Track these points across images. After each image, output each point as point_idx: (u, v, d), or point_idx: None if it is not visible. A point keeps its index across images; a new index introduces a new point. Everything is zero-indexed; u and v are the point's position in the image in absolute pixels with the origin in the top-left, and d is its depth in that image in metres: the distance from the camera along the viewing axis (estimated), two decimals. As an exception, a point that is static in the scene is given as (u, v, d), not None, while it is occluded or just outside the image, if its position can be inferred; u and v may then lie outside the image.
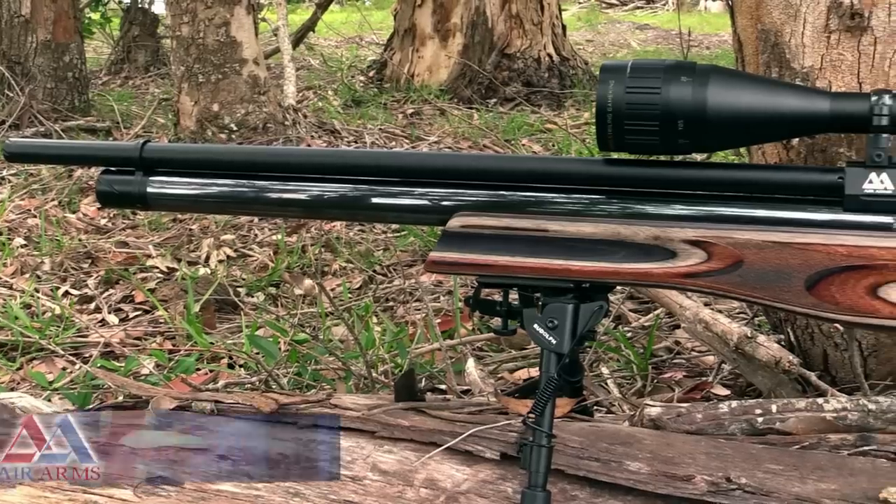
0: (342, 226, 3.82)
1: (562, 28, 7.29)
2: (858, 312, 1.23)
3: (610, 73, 1.26)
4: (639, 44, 10.56)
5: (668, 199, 1.31)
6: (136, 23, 8.54)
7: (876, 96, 1.21)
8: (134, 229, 4.01)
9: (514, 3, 6.91)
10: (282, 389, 2.12)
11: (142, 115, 5.93)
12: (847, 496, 1.26)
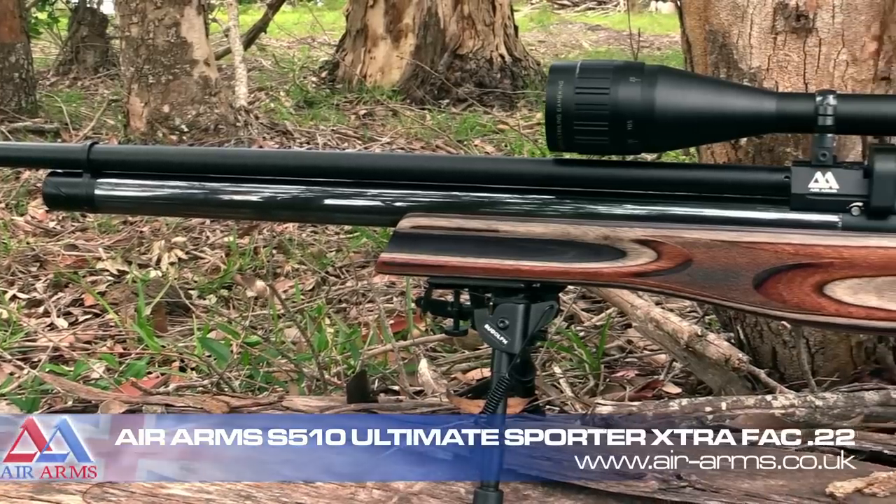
0: (295, 227, 3.81)
1: (514, 29, 7.30)
2: (805, 310, 1.25)
3: (559, 74, 1.26)
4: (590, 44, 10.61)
5: (618, 199, 1.32)
6: (85, 23, 8.45)
7: (820, 97, 1.22)
8: (84, 232, 3.97)
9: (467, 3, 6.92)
10: (234, 392, 2.10)
11: (91, 116, 5.88)
12: (795, 491, 1.27)
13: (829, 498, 1.25)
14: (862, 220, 1.23)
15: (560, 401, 1.96)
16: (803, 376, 1.70)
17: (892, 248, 1.21)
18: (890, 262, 1.22)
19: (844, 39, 1.59)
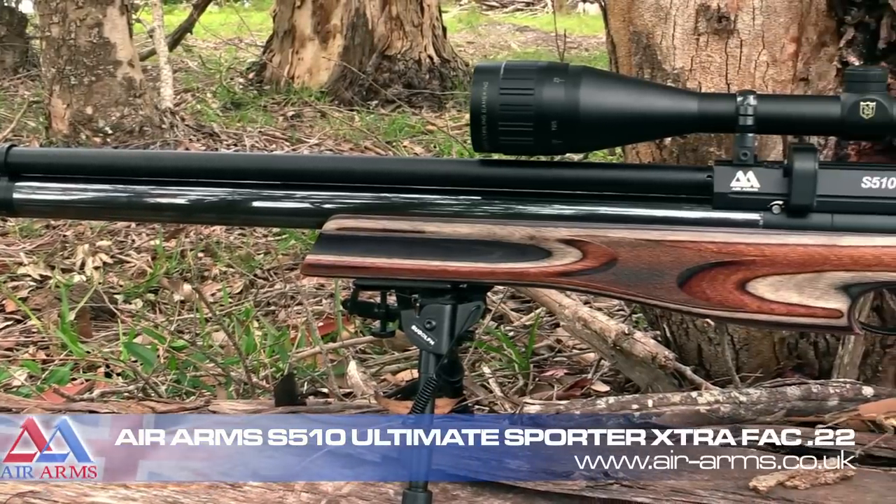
0: (222, 230, 3.77)
1: (442, 30, 7.31)
2: (728, 307, 1.27)
3: (484, 75, 1.26)
4: (519, 45, 10.66)
5: (544, 199, 1.32)
6: (3, 22, 8.28)
7: (741, 97, 1.24)
8: (4, 236, 3.89)
9: (395, 4, 6.92)
10: (159, 397, 2.08)
11: (11, 118, 5.76)
12: (719, 486, 1.29)
13: (752, 492, 1.27)
14: (782, 218, 1.25)
15: (489, 401, 1.96)
16: (728, 373, 1.72)
17: (811, 245, 1.24)
18: (809, 260, 1.24)
19: (765, 41, 1.61)
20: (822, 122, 1.24)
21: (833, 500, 1.26)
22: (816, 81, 1.61)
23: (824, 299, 1.25)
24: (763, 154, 1.61)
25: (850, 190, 1.24)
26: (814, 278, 1.24)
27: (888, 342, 1.65)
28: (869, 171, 1.24)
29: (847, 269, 1.24)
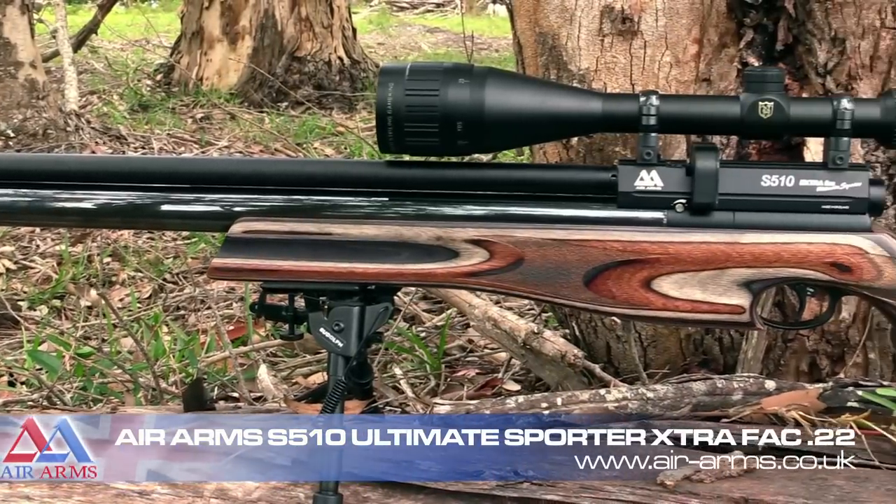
0: (130, 234, 3.71)
1: (352, 31, 7.29)
2: (634, 305, 1.28)
3: (389, 76, 1.26)
4: (429, 46, 10.66)
5: (451, 200, 1.33)
6: None
7: (644, 97, 1.26)
8: None
9: (304, 6, 6.87)
10: (65, 405, 2.03)
11: None
12: (628, 482, 1.30)
13: (660, 486, 1.29)
14: (685, 216, 1.27)
15: (400, 402, 1.96)
16: (635, 370, 1.74)
17: (714, 242, 1.26)
18: (712, 257, 1.26)
19: (668, 42, 1.64)
20: (722, 121, 1.27)
21: (737, 492, 1.28)
22: (718, 82, 1.64)
23: (727, 296, 1.27)
24: (667, 153, 1.64)
25: (750, 188, 1.27)
26: (717, 275, 1.27)
27: (789, 337, 1.69)
28: (768, 169, 1.27)
29: (748, 265, 1.26)
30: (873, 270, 1.26)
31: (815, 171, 1.27)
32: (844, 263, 1.26)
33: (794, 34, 1.59)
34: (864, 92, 1.54)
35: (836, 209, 1.26)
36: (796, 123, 1.25)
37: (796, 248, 1.26)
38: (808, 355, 1.69)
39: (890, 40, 1.52)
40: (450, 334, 2.43)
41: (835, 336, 1.66)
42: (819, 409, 1.42)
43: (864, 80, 1.55)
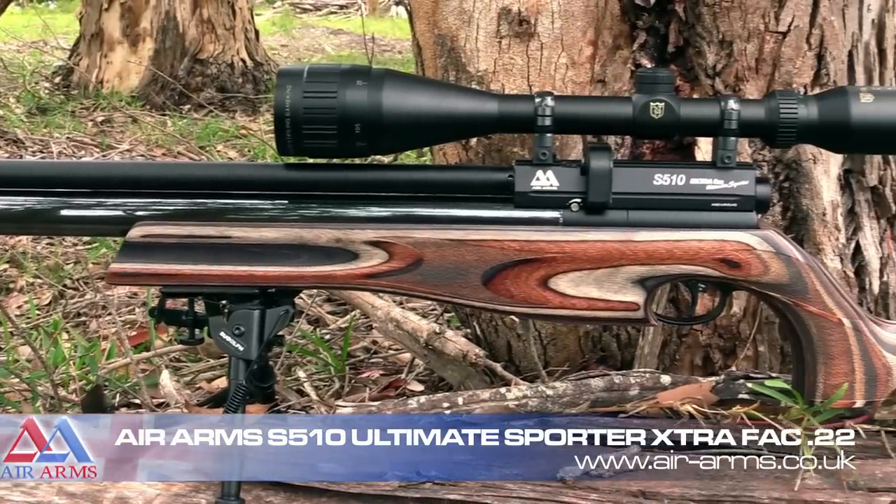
0: (28, 239, 3.62)
1: (255, 33, 7.22)
2: (531, 304, 1.30)
3: (287, 78, 1.26)
4: (333, 48, 10.62)
5: (350, 202, 1.33)
6: None
7: (539, 98, 1.28)
8: None
9: (206, 7, 6.79)
10: (-41, 417, 1.99)
11: None
12: (529, 479, 1.32)
13: (559, 483, 1.31)
14: (581, 215, 1.30)
15: (304, 404, 1.95)
16: (535, 368, 1.76)
17: (608, 241, 1.28)
18: (607, 255, 1.29)
19: (564, 44, 1.66)
20: (615, 121, 1.30)
21: (635, 486, 1.31)
22: (612, 83, 1.67)
23: (622, 293, 1.30)
24: (564, 154, 1.66)
25: (643, 187, 1.30)
26: (612, 273, 1.29)
27: (684, 332, 1.72)
28: (660, 168, 1.30)
29: (642, 263, 1.29)
30: (760, 266, 1.30)
31: (704, 169, 1.30)
32: (733, 259, 1.29)
33: (684, 37, 1.62)
34: (751, 93, 1.59)
35: (724, 207, 1.30)
36: (686, 123, 1.29)
37: (687, 245, 1.29)
38: (702, 350, 1.73)
39: (774, 43, 1.57)
40: (354, 336, 2.43)
41: (726, 330, 1.70)
42: (712, 402, 1.45)
43: (751, 81, 1.59)
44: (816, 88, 1.59)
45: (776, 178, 1.64)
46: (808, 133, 1.30)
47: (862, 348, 1.33)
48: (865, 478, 1.31)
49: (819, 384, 1.34)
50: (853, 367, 1.33)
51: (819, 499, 1.29)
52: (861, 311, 1.35)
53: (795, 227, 1.66)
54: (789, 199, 1.66)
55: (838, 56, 1.60)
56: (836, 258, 1.67)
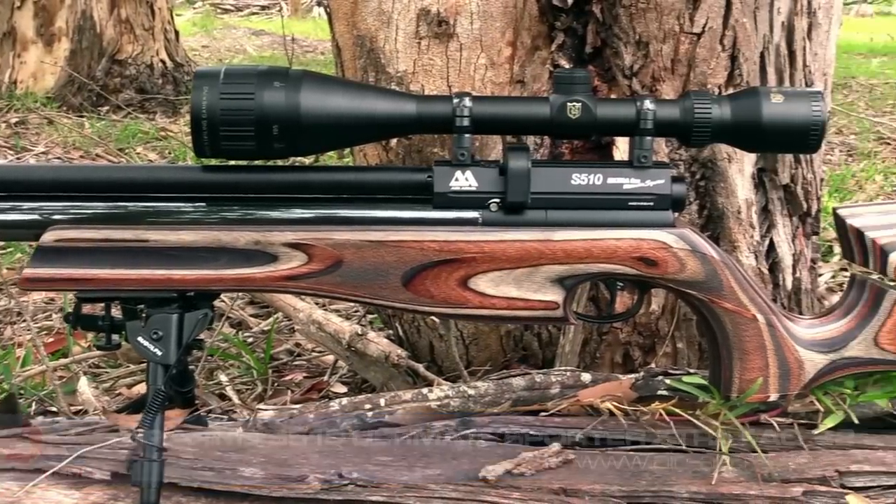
0: (-62, 245, 3.54)
1: (175, 33, 7.13)
2: (451, 304, 1.31)
3: (203, 80, 1.25)
4: (255, 49, 10.54)
5: (269, 204, 1.32)
6: None
7: (457, 98, 1.28)
8: None
9: (124, 7, 6.69)
10: None
11: None
12: (451, 479, 1.32)
13: (482, 482, 1.31)
14: (500, 215, 1.30)
15: (226, 408, 1.94)
16: (457, 368, 1.77)
17: (527, 240, 1.29)
18: (526, 254, 1.29)
19: (483, 45, 1.67)
20: (533, 122, 1.31)
21: (556, 483, 1.32)
22: (531, 83, 1.68)
23: (541, 292, 1.31)
24: (484, 154, 1.67)
25: (561, 187, 1.31)
26: (531, 272, 1.30)
27: (604, 330, 1.74)
28: (578, 168, 1.31)
29: (561, 262, 1.30)
30: (677, 264, 1.31)
31: (621, 169, 1.32)
32: (650, 258, 1.31)
33: (602, 37, 1.64)
34: (667, 93, 1.61)
35: (641, 206, 1.31)
36: (603, 123, 1.30)
37: (605, 244, 1.30)
38: (622, 347, 1.75)
39: (689, 44, 1.59)
40: (277, 339, 2.42)
41: (646, 328, 1.73)
42: (632, 399, 1.47)
43: (667, 81, 1.61)
44: (730, 89, 1.62)
45: (692, 176, 1.67)
46: (722, 132, 1.32)
47: (775, 343, 1.36)
48: (779, 470, 1.34)
49: (735, 379, 1.37)
50: (767, 361, 1.36)
51: (735, 491, 1.31)
52: (774, 307, 1.37)
53: (712, 225, 1.69)
54: (705, 198, 1.68)
55: (751, 57, 1.63)
56: (751, 255, 1.71)
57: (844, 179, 4.13)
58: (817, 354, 1.38)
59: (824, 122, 1.30)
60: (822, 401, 1.43)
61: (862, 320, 1.40)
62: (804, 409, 1.46)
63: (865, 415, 1.47)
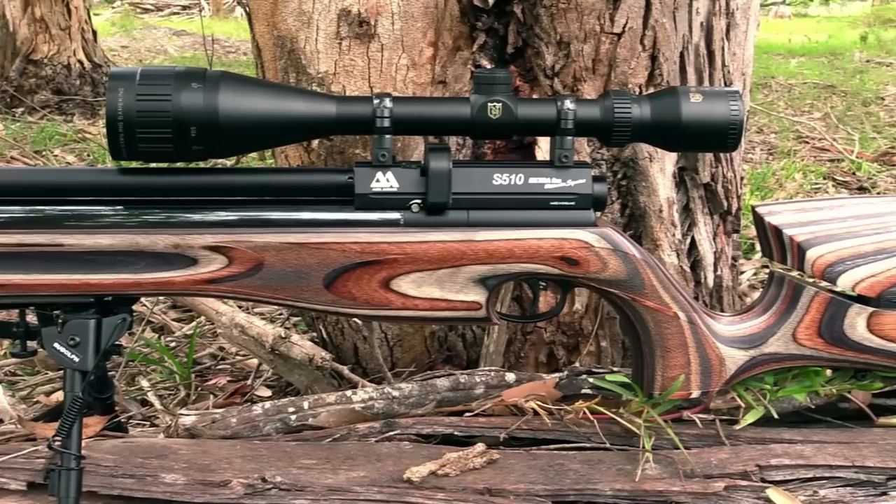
0: None
1: (93, 33, 7.02)
2: (374, 305, 1.30)
3: (119, 81, 1.23)
4: (176, 50, 10.42)
5: (189, 207, 1.31)
6: None
7: (377, 99, 1.28)
8: None
9: (38, 6, 6.56)
10: None
11: None
12: (375, 481, 1.32)
13: (406, 483, 1.31)
14: (421, 216, 1.30)
15: (148, 414, 1.91)
16: (381, 369, 1.76)
17: (449, 241, 1.29)
18: (448, 255, 1.29)
19: (404, 45, 1.66)
20: (453, 122, 1.30)
21: (481, 483, 1.32)
22: (453, 84, 1.67)
23: (464, 292, 1.31)
24: (407, 155, 1.66)
25: (482, 187, 1.31)
26: (453, 273, 1.30)
27: (528, 330, 1.75)
28: (499, 168, 1.32)
29: (483, 262, 1.30)
30: (598, 263, 1.32)
31: (542, 169, 1.32)
32: (572, 257, 1.32)
33: (523, 38, 1.64)
34: (588, 93, 1.62)
35: (563, 205, 1.32)
36: (524, 123, 1.31)
37: (527, 243, 1.31)
38: (546, 346, 1.76)
39: (609, 44, 1.60)
40: (200, 343, 2.38)
41: (570, 327, 1.73)
42: (556, 398, 1.48)
43: (588, 81, 1.62)
44: (651, 88, 1.64)
45: (614, 176, 1.68)
46: (642, 132, 1.33)
47: (697, 341, 1.37)
48: (701, 465, 1.35)
49: (657, 377, 1.38)
50: (689, 359, 1.37)
51: (658, 488, 1.32)
52: (696, 304, 1.39)
53: (634, 223, 1.70)
54: (627, 197, 1.69)
55: (671, 57, 1.65)
56: (673, 253, 1.72)
57: (765, 178, 4.20)
58: (738, 351, 1.40)
59: (742, 121, 1.31)
60: (742, 397, 1.45)
61: (781, 317, 1.42)
62: (726, 405, 1.47)
63: (785, 409, 1.49)
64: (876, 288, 1.40)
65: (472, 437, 1.43)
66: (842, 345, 1.41)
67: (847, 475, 1.36)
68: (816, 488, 1.34)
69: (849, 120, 6.05)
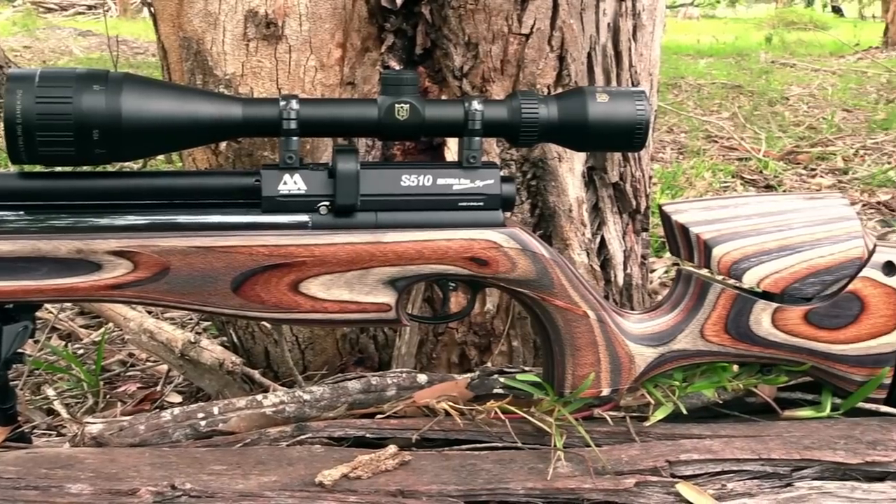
0: None
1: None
2: (283, 309, 1.29)
3: (18, 83, 1.20)
4: (82, 51, 10.23)
5: (93, 211, 1.28)
6: None
7: (284, 101, 1.27)
8: None
9: (-62, 6, 6.42)
10: None
11: None
12: (287, 485, 1.30)
13: (318, 487, 1.30)
14: (329, 218, 1.29)
15: (52, 424, 1.87)
16: (292, 373, 1.75)
17: (357, 243, 1.29)
18: (357, 257, 1.29)
19: (312, 46, 1.65)
20: (361, 124, 1.30)
21: (394, 485, 1.31)
22: (362, 85, 1.67)
23: (373, 294, 1.30)
24: (316, 157, 1.65)
25: (391, 188, 1.31)
26: (362, 275, 1.30)
27: (440, 330, 1.75)
28: (407, 169, 1.32)
29: (392, 263, 1.30)
30: (508, 263, 1.33)
31: (450, 170, 1.32)
32: (481, 257, 1.32)
33: (431, 39, 1.64)
34: (497, 94, 1.62)
35: (471, 206, 1.32)
36: (431, 124, 1.31)
37: (436, 244, 1.31)
38: (458, 347, 1.76)
39: (517, 45, 1.61)
40: (108, 349, 2.34)
41: (481, 327, 1.74)
42: (468, 398, 1.48)
43: (497, 82, 1.63)
44: (559, 89, 1.65)
45: (524, 176, 1.69)
46: (549, 132, 1.34)
47: (606, 339, 1.39)
48: (612, 462, 1.36)
49: (567, 375, 1.39)
50: (599, 357, 1.39)
51: (570, 486, 1.33)
52: (605, 303, 1.40)
53: (544, 223, 1.71)
54: (537, 197, 1.70)
55: (578, 58, 1.66)
56: (583, 252, 1.74)
57: (675, 176, 4.27)
58: (647, 348, 1.41)
59: (648, 120, 1.33)
60: (652, 393, 1.47)
61: (688, 314, 1.44)
62: (636, 402, 1.49)
63: (694, 405, 1.51)
64: (780, 284, 1.43)
65: (385, 439, 1.43)
66: (748, 340, 1.44)
67: (754, 468, 1.38)
68: (725, 482, 1.36)
69: (756, 119, 6.18)
